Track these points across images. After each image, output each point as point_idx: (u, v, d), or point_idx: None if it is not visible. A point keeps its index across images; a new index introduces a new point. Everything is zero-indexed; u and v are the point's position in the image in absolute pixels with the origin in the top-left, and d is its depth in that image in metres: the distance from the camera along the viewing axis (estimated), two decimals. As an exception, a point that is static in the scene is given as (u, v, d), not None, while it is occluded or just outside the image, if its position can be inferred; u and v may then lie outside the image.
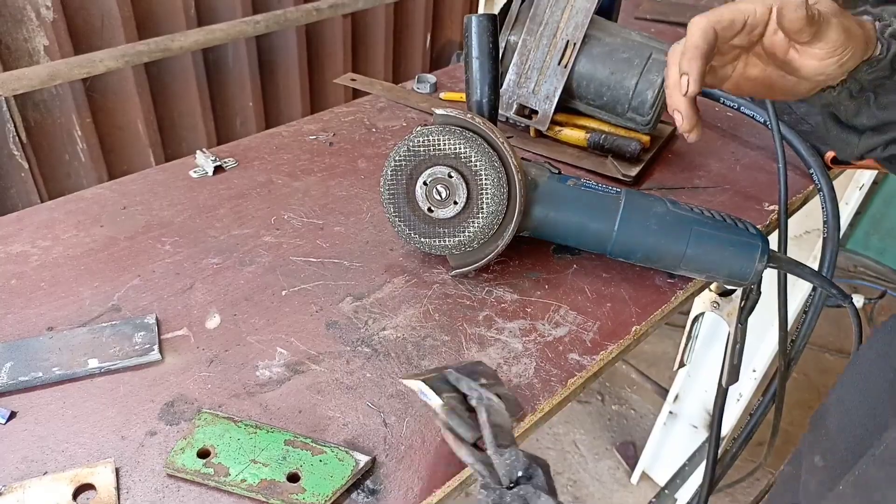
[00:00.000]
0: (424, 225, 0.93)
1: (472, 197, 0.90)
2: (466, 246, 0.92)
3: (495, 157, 0.89)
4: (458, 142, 0.88)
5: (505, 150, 0.89)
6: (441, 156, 0.89)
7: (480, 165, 0.88)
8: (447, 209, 0.91)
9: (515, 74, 1.32)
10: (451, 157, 0.89)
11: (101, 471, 0.70)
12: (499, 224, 0.90)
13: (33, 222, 1.04)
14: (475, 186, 0.89)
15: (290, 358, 0.85)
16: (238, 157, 1.21)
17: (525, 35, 1.30)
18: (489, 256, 0.93)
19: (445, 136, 0.88)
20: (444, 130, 0.88)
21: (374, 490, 0.72)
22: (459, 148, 0.88)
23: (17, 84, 1.75)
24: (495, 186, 0.88)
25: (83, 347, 0.83)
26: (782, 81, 0.78)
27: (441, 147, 0.89)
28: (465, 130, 0.89)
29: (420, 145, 0.89)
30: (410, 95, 1.47)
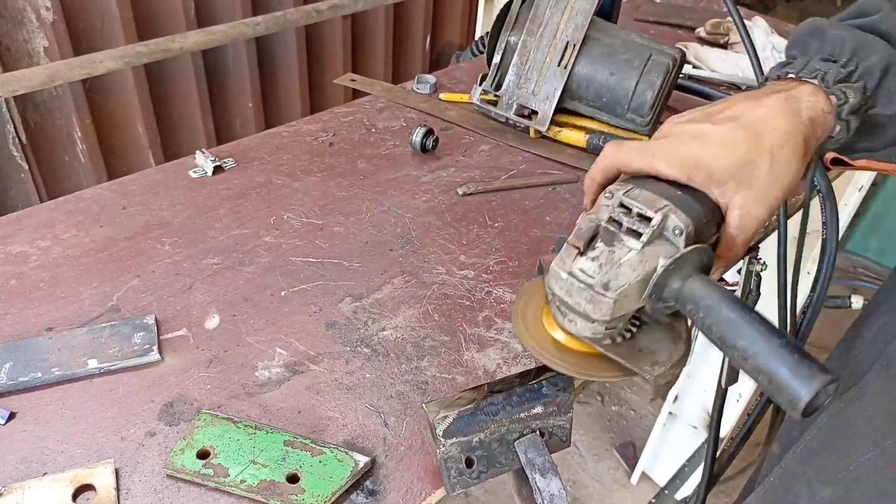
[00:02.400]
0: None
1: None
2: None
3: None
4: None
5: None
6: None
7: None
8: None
9: (515, 75, 1.32)
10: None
11: (100, 471, 0.70)
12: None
13: (33, 222, 1.04)
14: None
15: (290, 358, 0.85)
16: (238, 158, 1.21)
17: (525, 36, 1.30)
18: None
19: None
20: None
21: (373, 491, 0.72)
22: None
23: (16, 85, 1.75)
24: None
25: (82, 348, 0.83)
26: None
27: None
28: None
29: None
30: (410, 96, 1.47)
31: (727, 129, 0.65)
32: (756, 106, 0.66)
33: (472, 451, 0.72)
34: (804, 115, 0.67)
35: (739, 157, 0.63)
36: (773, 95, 0.67)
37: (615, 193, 0.66)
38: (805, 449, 0.74)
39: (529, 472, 0.71)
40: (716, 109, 0.68)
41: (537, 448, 0.72)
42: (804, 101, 0.67)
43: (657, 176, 0.66)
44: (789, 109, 0.66)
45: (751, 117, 0.65)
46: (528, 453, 0.72)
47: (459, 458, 0.71)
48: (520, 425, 0.74)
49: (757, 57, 1.05)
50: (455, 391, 0.82)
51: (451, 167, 1.25)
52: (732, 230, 0.67)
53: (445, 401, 0.74)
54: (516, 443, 0.73)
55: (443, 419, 0.71)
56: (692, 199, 0.66)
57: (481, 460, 0.73)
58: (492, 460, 0.73)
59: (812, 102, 0.67)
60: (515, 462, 0.74)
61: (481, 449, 0.72)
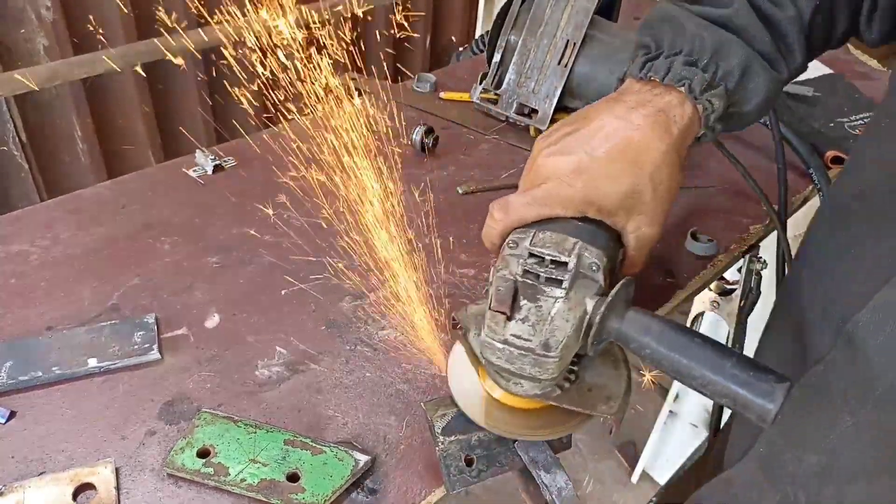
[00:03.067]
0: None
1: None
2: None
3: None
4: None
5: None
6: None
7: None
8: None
9: (515, 74, 1.32)
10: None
11: (100, 470, 0.70)
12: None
13: (33, 222, 1.04)
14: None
15: (290, 357, 0.85)
16: (237, 157, 1.21)
17: (525, 35, 1.30)
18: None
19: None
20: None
21: (373, 489, 0.72)
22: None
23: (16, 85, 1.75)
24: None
25: (83, 347, 0.83)
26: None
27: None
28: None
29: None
30: (410, 94, 1.47)
31: (606, 160, 0.66)
32: (627, 127, 0.67)
33: (471, 449, 0.72)
34: (674, 130, 0.68)
35: (624, 189, 0.66)
36: (640, 111, 0.68)
37: (520, 243, 0.65)
38: (783, 420, 0.75)
39: (533, 469, 0.71)
40: (586, 131, 0.68)
41: (538, 446, 0.72)
42: (673, 115, 0.69)
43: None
44: (661, 127, 0.67)
45: (625, 143, 0.66)
46: (530, 452, 0.72)
47: (459, 456, 0.71)
48: None
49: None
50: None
51: (451, 166, 1.25)
52: (632, 252, 0.70)
53: (445, 400, 0.74)
54: (516, 443, 0.73)
55: (441, 417, 0.71)
56: (594, 228, 0.67)
57: (481, 459, 0.73)
58: (491, 459, 0.73)
59: (680, 114, 0.69)
60: (516, 462, 0.74)
61: (481, 448, 0.72)
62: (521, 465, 0.73)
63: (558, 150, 0.68)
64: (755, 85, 0.73)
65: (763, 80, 0.73)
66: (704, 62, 0.71)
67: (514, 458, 0.74)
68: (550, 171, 0.67)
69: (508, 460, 0.74)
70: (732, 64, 0.71)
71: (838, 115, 1.46)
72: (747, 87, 0.73)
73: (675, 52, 0.72)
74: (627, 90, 0.72)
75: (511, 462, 0.74)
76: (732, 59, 0.71)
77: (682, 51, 0.72)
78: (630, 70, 0.74)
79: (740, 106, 0.75)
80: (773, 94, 0.75)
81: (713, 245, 1.08)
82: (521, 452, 0.73)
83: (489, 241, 0.72)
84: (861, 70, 1.71)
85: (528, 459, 0.72)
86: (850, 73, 1.63)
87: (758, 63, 0.72)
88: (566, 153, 0.67)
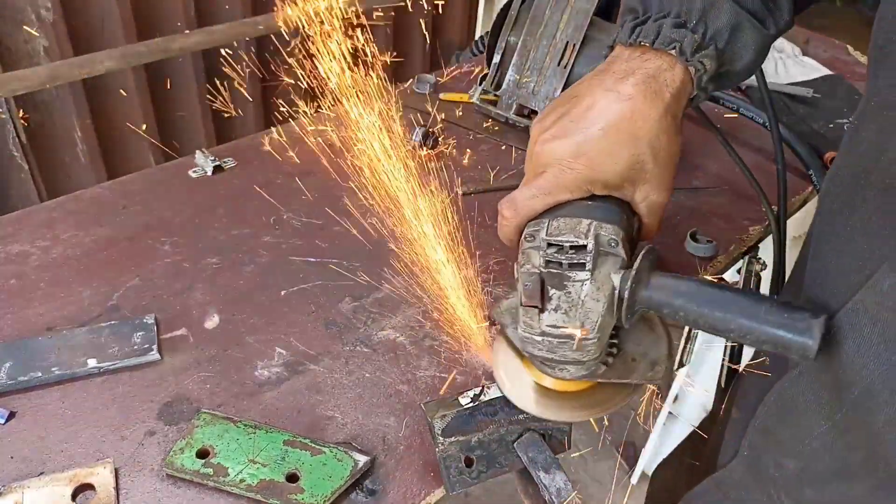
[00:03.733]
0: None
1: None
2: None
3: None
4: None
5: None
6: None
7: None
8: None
9: (515, 75, 1.32)
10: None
11: (100, 471, 0.70)
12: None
13: (33, 222, 1.04)
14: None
15: (289, 358, 0.85)
16: (237, 157, 1.21)
17: (525, 36, 1.30)
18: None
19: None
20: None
21: (373, 490, 0.72)
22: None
23: (17, 85, 1.75)
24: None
25: (82, 347, 0.83)
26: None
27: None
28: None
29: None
30: (410, 96, 1.47)
31: (602, 137, 0.65)
32: (618, 100, 0.66)
33: (471, 450, 0.72)
34: (667, 94, 0.67)
35: (625, 162, 0.66)
36: (630, 80, 0.67)
37: (536, 235, 0.66)
38: (761, 425, 0.76)
39: (532, 470, 0.71)
40: (578, 111, 0.67)
41: (537, 446, 0.72)
42: (664, 79, 0.68)
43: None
44: (652, 94, 0.67)
45: (619, 117, 0.65)
46: (529, 452, 0.72)
47: (458, 457, 0.71)
48: (518, 426, 0.74)
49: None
50: (454, 391, 0.82)
51: (451, 167, 1.25)
52: (645, 220, 0.71)
53: (444, 400, 0.74)
54: (516, 444, 0.73)
55: (441, 418, 0.71)
56: (604, 204, 0.67)
57: (481, 460, 0.73)
58: (491, 460, 0.73)
59: (671, 77, 0.68)
60: (516, 463, 0.74)
61: (480, 449, 0.72)
62: (521, 466, 0.73)
63: (554, 135, 0.68)
64: (744, 43, 0.72)
65: (752, 38, 0.72)
66: (693, 23, 0.70)
67: (513, 459, 0.74)
68: (549, 157, 0.67)
69: (508, 461, 0.74)
70: (722, 23, 0.70)
71: (838, 116, 1.46)
72: (737, 45, 0.72)
73: (663, 14, 0.71)
74: (616, 58, 0.71)
75: (511, 463, 0.74)
76: (721, 19, 0.70)
77: (670, 13, 0.71)
78: (619, 37, 0.73)
79: (731, 64, 0.74)
80: (762, 51, 0.75)
81: (713, 246, 1.08)
82: (520, 453, 0.73)
83: (506, 238, 0.72)
84: (861, 71, 1.70)
85: (527, 460, 0.72)
86: (849, 74, 1.63)
87: (747, 21, 0.71)
88: (562, 136, 0.67)
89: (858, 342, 0.58)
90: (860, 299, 0.58)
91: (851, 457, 0.64)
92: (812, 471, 0.69)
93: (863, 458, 0.63)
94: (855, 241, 0.62)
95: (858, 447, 0.63)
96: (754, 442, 0.76)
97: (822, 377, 0.64)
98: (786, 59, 1.68)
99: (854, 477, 0.65)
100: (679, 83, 0.68)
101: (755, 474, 0.77)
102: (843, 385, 0.61)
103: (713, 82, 0.74)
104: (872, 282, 0.57)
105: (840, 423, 0.64)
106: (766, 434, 0.75)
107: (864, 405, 0.59)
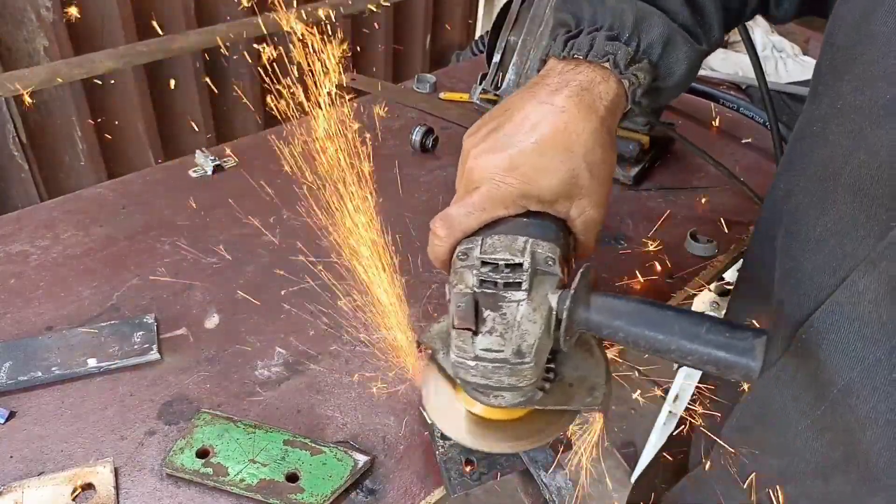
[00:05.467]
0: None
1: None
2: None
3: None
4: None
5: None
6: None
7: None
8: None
9: (515, 74, 1.32)
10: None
11: (100, 470, 0.70)
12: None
13: (33, 222, 1.04)
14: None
15: (289, 357, 0.85)
16: (238, 157, 1.21)
17: (525, 35, 1.30)
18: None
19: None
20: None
21: (372, 490, 0.72)
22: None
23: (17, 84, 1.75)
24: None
25: (82, 347, 0.83)
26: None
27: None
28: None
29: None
30: (410, 95, 1.47)
31: (536, 152, 0.64)
32: (552, 112, 0.65)
33: (471, 453, 0.72)
34: (601, 107, 0.66)
35: (559, 177, 0.64)
36: (563, 92, 0.66)
37: (470, 254, 0.63)
38: (739, 424, 0.76)
39: (533, 469, 0.71)
40: (511, 125, 0.66)
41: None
42: (597, 92, 0.67)
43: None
44: (586, 107, 0.66)
45: (553, 131, 0.64)
46: (530, 451, 0.72)
47: (459, 460, 0.71)
48: None
49: (757, 56, 1.05)
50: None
51: (451, 166, 1.25)
52: (581, 237, 0.69)
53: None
54: None
55: None
56: (540, 221, 0.65)
57: (481, 462, 0.73)
58: (492, 462, 0.73)
59: (604, 90, 0.67)
60: (517, 464, 0.73)
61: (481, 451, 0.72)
62: (522, 468, 0.73)
63: (487, 149, 0.66)
64: (677, 58, 0.72)
65: (684, 52, 0.72)
66: (626, 36, 0.70)
67: (514, 461, 0.73)
68: (483, 172, 0.65)
69: (509, 463, 0.74)
70: (654, 36, 0.70)
71: (838, 115, 1.46)
72: (669, 59, 0.72)
73: (595, 27, 0.70)
74: (550, 71, 0.70)
75: (512, 464, 0.74)
76: (654, 32, 0.70)
77: (603, 26, 0.70)
78: (552, 49, 0.72)
79: (664, 80, 0.74)
80: (694, 65, 0.74)
81: (713, 246, 1.08)
82: (521, 453, 0.73)
83: (438, 259, 0.69)
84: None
85: (528, 459, 0.72)
86: (849, 74, 1.63)
87: (679, 35, 0.71)
88: (495, 150, 0.65)
89: (836, 341, 0.58)
90: (836, 300, 0.58)
91: (831, 454, 0.65)
92: (792, 469, 0.69)
93: (842, 455, 0.63)
94: (827, 241, 0.62)
95: (838, 444, 0.63)
96: (732, 440, 0.77)
97: (801, 376, 0.64)
98: (786, 59, 1.68)
99: (834, 474, 0.66)
100: (613, 96, 0.68)
101: (734, 473, 0.77)
102: (822, 384, 0.61)
103: (647, 97, 0.74)
104: (849, 282, 0.57)
105: (820, 422, 0.64)
106: (745, 433, 0.75)
107: (843, 402, 0.60)
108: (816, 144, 0.66)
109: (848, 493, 0.65)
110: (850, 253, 0.58)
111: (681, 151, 1.34)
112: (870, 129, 0.57)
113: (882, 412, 0.56)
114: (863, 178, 0.57)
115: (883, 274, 0.54)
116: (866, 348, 0.56)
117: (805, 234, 0.65)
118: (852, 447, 0.62)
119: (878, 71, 0.56)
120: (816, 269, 0.63)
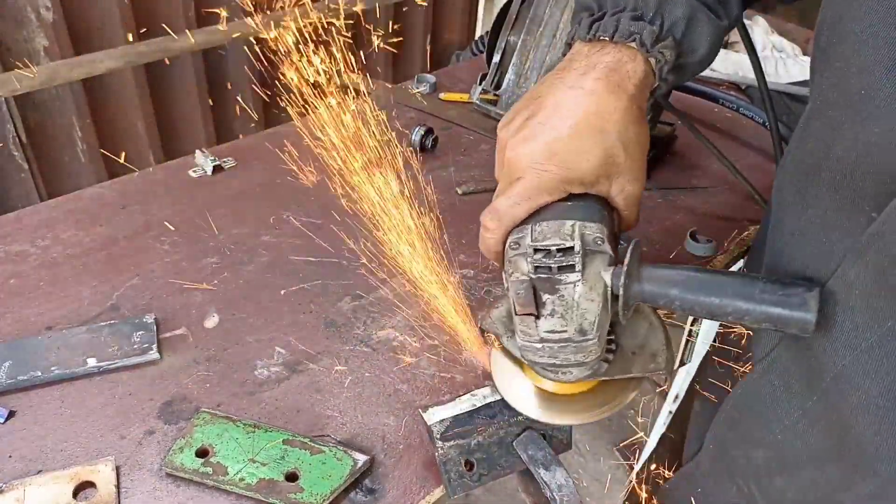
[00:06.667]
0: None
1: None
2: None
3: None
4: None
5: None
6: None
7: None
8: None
9: (515, 74, 1.32)
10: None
11: (101, 469, 0.70)
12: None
13: (33, 222, 1.04)
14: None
15: (289, 357, 0.85)
16: (237, 157, 1.21)
17: (525, 35, 1.30)
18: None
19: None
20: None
21: (372, 489, 0.72)
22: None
23: (16, 85, 1.75)
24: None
25: (82, 347, 0.83)
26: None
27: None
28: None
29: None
30: (410, 95, 1.47)
31: (572, 135, 0.65)
32: (582, 95, 0.66)
33: (470, 453, 0.72)
34: (630, 86, 0.68)
35: (597, 158, 0.66)
36: (591, 74, 0.67)
37: (521, 242, 0.65)
38: (727, 418, 0.77)
39: (533, 468, 0.71)
40: (544, 112, 0.67)
41: (537, 443, 0.72)
42: (625, 71, 0.68)
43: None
44: (615, 87, 0.67)
45: (585, 114, 0.66)
46: (529, 450, 0.72)
47: (458, 460, 0.71)
48: (518, 428, 0.74)
49: (757, 56, 1.05)
50: (454, 391, 0.82)
51: (451, 166, 1.25)
52: (624, 212, 0.71)
53: (443, 403, 0.74)
54: (515, 442, 0.73)
55: (440, 422, 0.72)
56: (584, 202, 0.67)
57: (481, 463, 0.73)
58: (492, 463, 0.73)
59: (632, 70, 0.69)
60: (517, 464, 0.74)
61: (480, 451, 0.72)
62: (522, 468, 0.73)
63: (524, 139, 0.67)
64: (700, 34, 0.73)
65: (707, 29, 0.73)
66: (650, 15, 0.71)
67: (514, 461, 0.74)
68: (523, 162, 0.67)
69: (509, 463, 0.74)
70: (678, 14, 0.71)
71: (838, 115, 1.46)
72: (693, 36, 0.73)
73: (619, 8, 0.72)
74: (576, 55, 0.72)
75: (511, 464, 0.74)
76: (677, 10, 0.71)
77: (626, 7, 0.71)
78: (577, 33, 0.73)
79: (688, 56, 0.75)
80: (717, 42, 0.76)
81: (712, 245, 1.08)
82: (520, 451, 0.73)
83: (490, 251, 0.71)
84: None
85: (527, 458, 0.72)
86: (849, 74, 1.63)
87: (701, 12, 0.72)
88: (532, 139, 0.67)
89: (829, 330, 0.59)
90: (829, 290, 0.59)
91: (824, 443, 0.65)
92: (783, 459, 0.70)
93: (834, 443, 0.64)
94: (812, 234, 0.63)
95: (831, 433, 0.64)
96: (721, 434, 0.77)
97: (793, 367, 0.65)
98: (786, 59, 1.68)
99: (826, 462, 0.66)
100: (641, 74, 0.69)
101: (723, 466, 0.78)
102: (815, 373, 0.62)
103: (672, 73, 0.75)
104: (840, 272, 0.58)
105: (812, 411, 0.65)
106: (734, 426, 0.76)
107: (836, 390, 0.61)
108: (800, 140, 0.68)
109: (837, 481, 0.66)
110: (837, 246, 0.60)
111: (681, 151, 1.34)
112: (847, 125, 0.59)
113: (874, 398, 0.57)
114: (840, 172, 0.59)
115: (870, 263, 0.55)
116: (859, 336, 0.57)
117: (790, 228, 0.66)
118: (844, 435, 0.62)
119: (852, 68, 0.58)
120: (804, 262, 0.64)
